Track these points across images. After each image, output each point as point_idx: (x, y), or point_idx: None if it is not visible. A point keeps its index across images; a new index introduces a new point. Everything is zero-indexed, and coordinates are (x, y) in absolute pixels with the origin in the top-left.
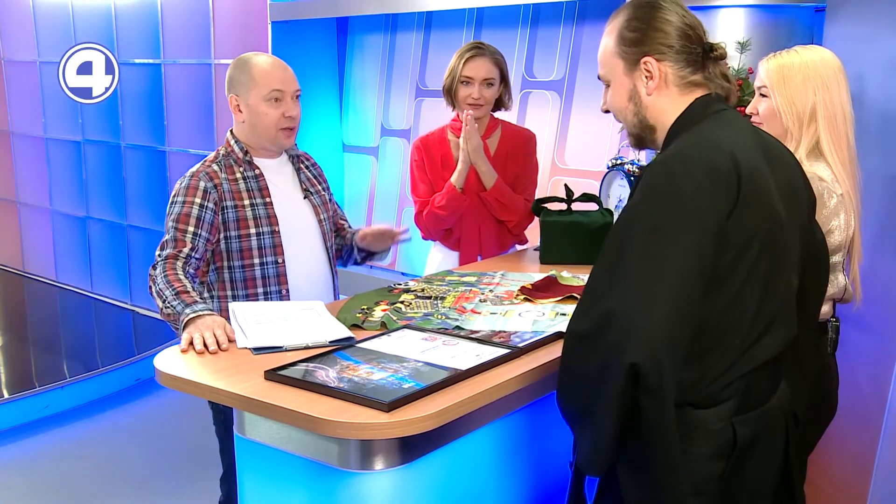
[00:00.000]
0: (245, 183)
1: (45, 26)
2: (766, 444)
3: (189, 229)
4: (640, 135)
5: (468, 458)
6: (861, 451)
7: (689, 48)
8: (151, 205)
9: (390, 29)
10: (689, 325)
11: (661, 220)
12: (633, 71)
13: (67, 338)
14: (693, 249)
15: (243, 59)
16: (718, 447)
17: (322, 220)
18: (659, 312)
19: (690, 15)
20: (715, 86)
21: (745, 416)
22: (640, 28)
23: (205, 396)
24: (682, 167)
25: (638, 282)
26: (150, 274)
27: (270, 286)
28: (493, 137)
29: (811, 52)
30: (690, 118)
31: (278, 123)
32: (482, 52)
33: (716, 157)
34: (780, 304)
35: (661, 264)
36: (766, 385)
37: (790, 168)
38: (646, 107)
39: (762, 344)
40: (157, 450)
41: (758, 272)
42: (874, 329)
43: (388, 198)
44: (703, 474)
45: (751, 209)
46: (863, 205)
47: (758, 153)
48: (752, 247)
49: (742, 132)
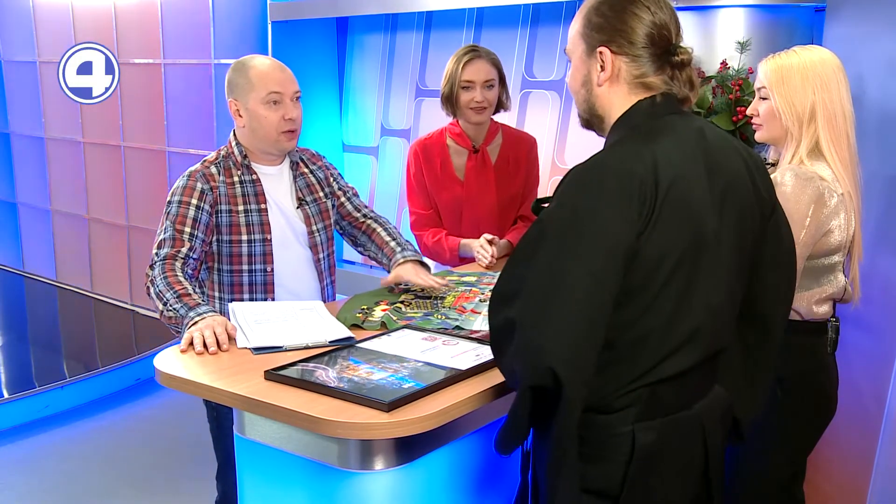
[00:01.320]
0: (242, 188)
1: (44, 26)
2: (676, 451)
3: (186, 230)
4: (588, 119)
5: (468, 458)
6: (860, 450)
7: (650, 49)
8: (151, 205)
9: (390, 29)
10: (594, 340)
11: (569, 232)
12: (590, 57)
13: (67, 338)
14: (596, 270)
15: (241, 62)
16: (620, 452)
17: (313, 232)
18: (557, 330)
19: (665, 13)
20: (676, 89)
21: (650, 423)
22: (606, 16)
23: (204, 396)
24: (597, 176)
25: (540, 295)
26: (148, 274)
27: (257, 293)
28: (494, 143)
29: (810, 53)
30: (630, 119)
31: (278, 126)
32: (479, 54)
33: (632, 167)
34: (697, 324)
35: (563, 280)
36: (679, 393)
37: (737, 176)
38: (596, 96)
39: (672, 360)
40: (156, 450)
41: (670, 291)
42: (874, 329)
43: (388, 198)
44: (607, 477)
45: (667, 225)
46: (863, 204)
47: (693, 163)
48: (665, 266)
49: (680, 140)
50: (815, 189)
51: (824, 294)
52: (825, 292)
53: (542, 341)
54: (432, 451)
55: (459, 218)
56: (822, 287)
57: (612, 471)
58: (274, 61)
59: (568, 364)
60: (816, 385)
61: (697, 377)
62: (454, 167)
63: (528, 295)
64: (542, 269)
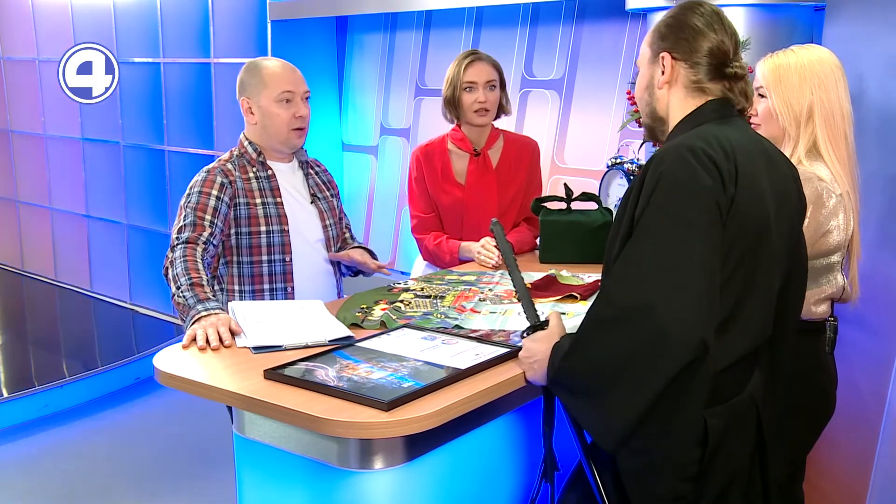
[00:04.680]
0: (258, 182)
1: (44, 24)
2: (738, 431)
3: (207, 217)
4: (651, 125)
5: (468, 457)
6: (860, 450)
7: (708, 59)
8: (151, 204)
9: (390, 28)
10: (716, 311)
11: (679, 209)
12: (653, 63)
13: (67, 337)
14: (713, 239)
15: (253, 63)
16: (695, 436)
17: (327, 226)
18: (696, 303)
19: (727, 30)
20: (733, 98)
21: (714, 410)
22: (672, 27)
23: (204, 395)
24: (688, 155)
25: (669, 276)
26: (168, 255)
27: (277, 283)
28: (496, 147)
29: (808, 52)
30: (700, 117)
31: (290, 124)
32: (479, 57)
33: (712, 151)
34: (759, 304)
35: (691, 255)
36: (736, 379)
37: (786, 176)
38: (657, 99)
39: (733, 348)
40: (156, 449)
41: (741, 270)
42: (873, 328)
43: (388, 197)
44: (685, 460)
45: (744, 206)
46: (862, 204)
47: (758, 155)
48: (743, 243)
49: (745, 135)
50: (814, 189)
51: (823, 294)
52: (824, 292)
53: (688, 315)
54: (432, 450)
55: (460, 221)
56: (821, 287)
57: (688, 454)
58: (285, 62)
59: (708, 332)
60: (815, 385)
61: (750, 362)
62: (455, 171)
63: (658, 279)
64: (660, 249)
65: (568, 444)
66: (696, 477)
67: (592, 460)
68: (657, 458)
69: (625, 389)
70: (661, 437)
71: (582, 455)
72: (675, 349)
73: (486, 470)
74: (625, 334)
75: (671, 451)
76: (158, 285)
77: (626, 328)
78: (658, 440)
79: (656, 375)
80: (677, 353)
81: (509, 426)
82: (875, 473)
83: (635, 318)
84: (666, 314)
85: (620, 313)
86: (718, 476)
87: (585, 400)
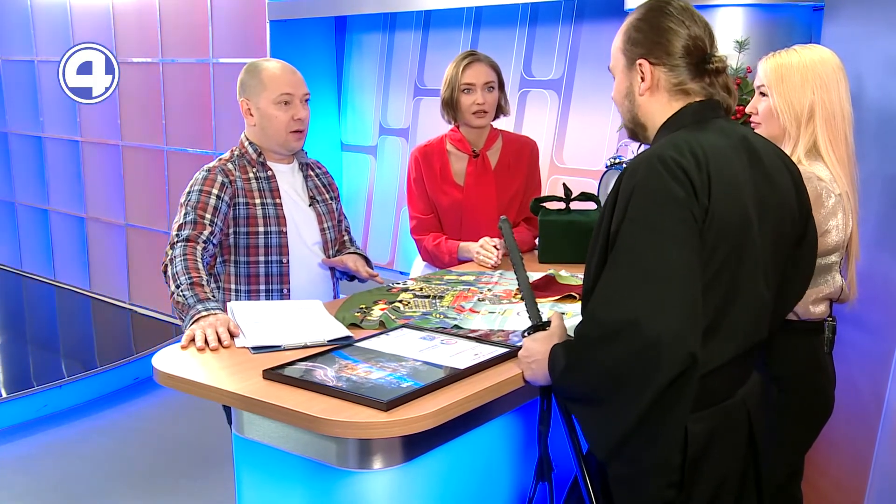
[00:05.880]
0: (257, 183)
1: (42, 24)
2: (727, 435)
3: (207, 215)
4: (633, 129)
5: (466, 457)
6: (859, 449)
7: (686, 59)
8: (150, 204)
9: (389, 28)
10: (700, 316)
11: (653, 221)
12: (631, 70)
13: (66, 337)
14: (692, 247)
15: (254, 64)
16: (679, 443)
17: (325, 229)
18: (681, 314)
19: (699, 24)
20: (716, 95)
21: (700, 415)
22: (644, 31)
23: (203, 395)
24: (659, 166)
25: (653, 287)
26: (167, 253)
27: (273, 284)
28: (494, 148)
29: (810, 52)
30: (678, 122)
31: (288, 126)
32: (478, 57)
33: (684, 160)
34: (744, 309)
35: (669, 265)
36: (724, 382)
37: (779, 179)
38: (638, 105)
39: (719, 351)
40: (155, 449)
41: (721, 280)
42: (872, 328)
43: (387, 197)
44: (670, 466)
45: (721, 213)
46: (861, 204)
47: (738, 157)
48: (722, 251)
49: (724, 134)
50: (813, 189)
51: (821, 294)
52: (822, 292)
53: (672, 327)
54: (431, 450)
55: (459, 222)
56: (819, 287)
57: (672, 459)
58: (285, 64)
59: (697, 344)
60: (813, 385)
61: (740, 366)
62: (454, 172)
63: (639, 294)
64: (639, 262)
65: (564, 444)
66: (680, 483)
67: (585, 466)
68: (645, 464)
69: (616, 404)
70: (648, 445)
71: (574, 461)
72: (664, 362)
73: (484, 470)
74: (612, 352)
75: (658, 457)
76: (157, 286)
77: (612, 345)
78: (646, 448)
79: (645, 389)
80: (665, 365)
81: (508, 426)
82: (873, 473)
83: (621, 334)
84: (650, 328)
85: (606, 331)
86: (706, 481)
87: (580, 413)
